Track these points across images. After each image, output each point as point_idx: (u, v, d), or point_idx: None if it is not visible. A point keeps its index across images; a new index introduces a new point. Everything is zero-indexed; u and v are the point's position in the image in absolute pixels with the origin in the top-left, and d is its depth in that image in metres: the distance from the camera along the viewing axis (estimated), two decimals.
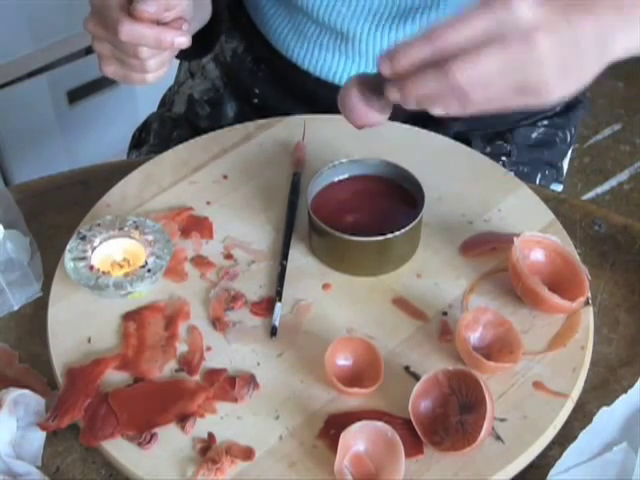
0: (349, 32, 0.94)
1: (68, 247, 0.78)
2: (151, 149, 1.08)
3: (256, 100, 1.06)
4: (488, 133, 1.04)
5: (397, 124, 0.93)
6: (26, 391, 0.70)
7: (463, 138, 0.94)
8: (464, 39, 0.61)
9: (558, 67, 0.63)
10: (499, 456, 0.66)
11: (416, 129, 0.93)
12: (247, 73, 1.06)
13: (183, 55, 0.82)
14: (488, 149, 1.02)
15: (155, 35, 0.73)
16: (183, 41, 0.75)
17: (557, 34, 0.62)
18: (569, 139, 1.09)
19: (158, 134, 1.11)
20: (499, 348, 0.72)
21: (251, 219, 0.84)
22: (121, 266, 0.78)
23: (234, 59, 1.07)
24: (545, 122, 1.06)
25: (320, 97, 0.99)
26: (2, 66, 1.61)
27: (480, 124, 1.02)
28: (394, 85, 0.64)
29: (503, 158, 1.03)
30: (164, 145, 1.00)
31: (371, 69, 0.96)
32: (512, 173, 0.90)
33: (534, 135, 1.06)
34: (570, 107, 1.08)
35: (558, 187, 1.09)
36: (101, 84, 1.78)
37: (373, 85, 0.67)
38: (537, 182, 1.04)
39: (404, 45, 0.62)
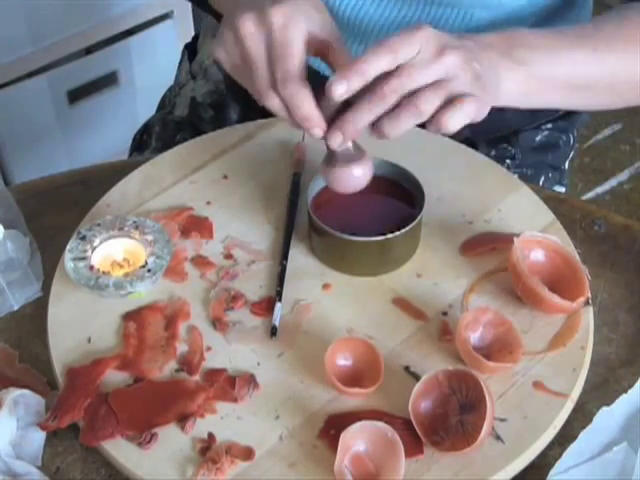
0: (368, 28, 0.93)
1: (68, 247, 0.78)
2: (154, 153, 1.08)
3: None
4: (493, 137, 1.04)
5: None
6: (26, 391, 0.70)
7: (469, 143, 0.94)
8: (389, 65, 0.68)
9: (472, 79, 0.69)
10: (499, 456, 0.66)
11: (416, 129, 0.93)
12: None
13: None
14: (493, 152, 1.02)
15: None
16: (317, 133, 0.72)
17: (463, 49, 0.69)
18: (572, 142, 1.09)
19: (160, 137, 1.10)
20: (499, 348, 0.72)
21: (251, 219, 0.84)
22: (121, 266, 0.78)
23: None
24: (549, 125, 1.06)
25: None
26: (2, 66, 1.62)
27: (486, 129, 1.03)
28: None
29: (507, 161, 1.03)
30: (167, 148, 1.00)
31: None
32: (511, 173, 0.90)
33: (538, 138, 1.06)
34: (573, 110, 1.08)
35: (561, 189, 1.09)
36: (101, 84, 1.78)
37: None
38: (540, 184, 1.05)
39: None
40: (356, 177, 0.74)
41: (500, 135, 1.04)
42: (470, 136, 1.00)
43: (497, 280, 0.78)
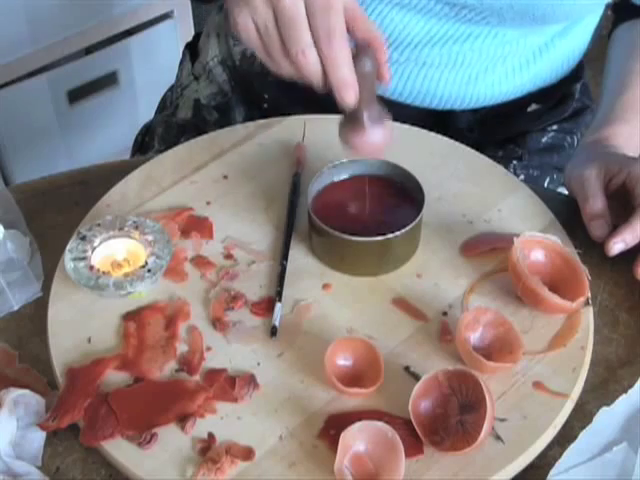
0: (392, 36, 0.92)
1: (68, 247, 0.78)
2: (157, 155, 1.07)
3: (266, 105, 1.04)
4: (501, 139, 1.04)
5: (397, 124, 0.93)
6: (26, 391, 0.70)
7: (477, 144, 0.94)
8: None
9: None
10: (499, 456, 0.66)
11: (416, 129, 0.93)
12: (256, 77, 1.04)
13: None
14: (500, 153, 1.02)
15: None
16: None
17: None
18: (576, 143, 1.09)
19: (164, 139, 1.09)
20: (499, 348, 0.72)
21: (251, 219, 0.84)
22: (121, 266, 0.78)
23: (243, 63, 1.05)
24: (555, 127, 1.07)
25: (334, 102, 0.98)
26: (2, 66, 1.62)
27: (495, 131, 1.03)
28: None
29: (514, 162, 1.03)
30: None
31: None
32: (511, 173, 0.90)
33: (544, 140, 1.06)
34: (578, 112, 1.09)
35: (565, 191, 1.09)
36: (101, 84, 1.78)
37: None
38: (545, 185, 1.05)
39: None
40: (379, 139, 0.72)
41: (507, 136, 1.04)
42: (478, 137, 1.00)
43: (497, 280, 0.78)
